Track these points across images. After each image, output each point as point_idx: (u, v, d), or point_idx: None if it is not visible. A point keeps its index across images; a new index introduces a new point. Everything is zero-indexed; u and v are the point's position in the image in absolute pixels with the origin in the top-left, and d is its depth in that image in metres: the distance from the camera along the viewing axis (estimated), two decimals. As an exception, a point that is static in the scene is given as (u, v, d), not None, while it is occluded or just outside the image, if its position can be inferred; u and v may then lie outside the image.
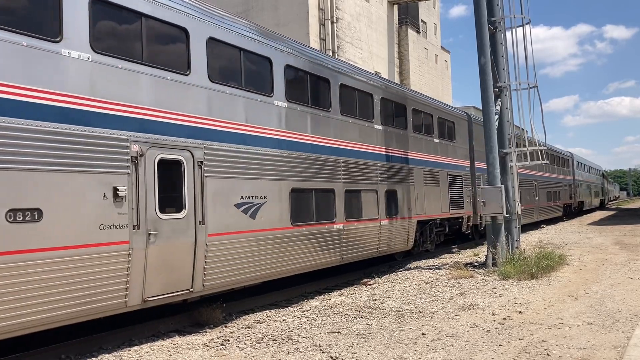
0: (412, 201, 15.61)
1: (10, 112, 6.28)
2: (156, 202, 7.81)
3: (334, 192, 12.05)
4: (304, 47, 12.11)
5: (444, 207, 17.82)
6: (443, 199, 17.73)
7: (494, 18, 15.10)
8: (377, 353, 6.79)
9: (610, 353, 6.44)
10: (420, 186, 16.15)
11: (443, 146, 18.22)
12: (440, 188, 17.58)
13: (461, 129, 20.07)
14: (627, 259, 14.81)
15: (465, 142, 20.32)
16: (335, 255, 12.15)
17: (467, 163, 20.25)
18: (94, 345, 7.76)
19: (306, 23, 33.34)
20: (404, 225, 15.13)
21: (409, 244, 15.60)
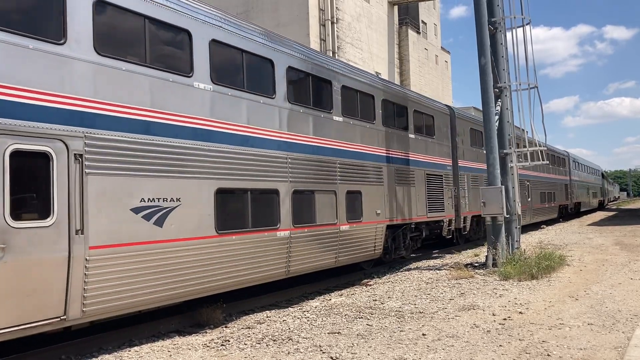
0: (381, 203, 13.85)
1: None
2: (5, 206, 6.08)
3: (277, 194, 10.28)
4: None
5: (420, 210, 16.09)
6: (419, 200, 15.96)
7: (494, 18, 15.11)
8: (377, 353, 6.79)
9: (610, 353, 6.43)
10: (391, 186, 14.43)
11: (420, 142, 16.39)
12: (416, 189, 15.88)
13: (442, 124, 18.27)
14: (628, 260, 14.80)
15: (447, 138, 18.57)
16: (280, 267, 10.35)
17: (448, 161, 18.53)
18: (94, 345, 7.75)
19: (306, 23, 33.34)
20: (371, 231, 13.35)
21: (376, 252, 13.82)
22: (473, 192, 19.82)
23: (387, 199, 14.23)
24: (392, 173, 14.57)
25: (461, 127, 19.79)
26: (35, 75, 6.53)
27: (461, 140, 19.64)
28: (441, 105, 19.41)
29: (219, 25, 9.25)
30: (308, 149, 11.38)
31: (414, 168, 15.84)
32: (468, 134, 20.47)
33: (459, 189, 18.85)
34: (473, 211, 19.78)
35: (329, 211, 11.81)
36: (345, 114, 12.70)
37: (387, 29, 43.83)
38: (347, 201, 12.39)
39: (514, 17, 15.34)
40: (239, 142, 9.45)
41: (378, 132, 14.03)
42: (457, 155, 19.18)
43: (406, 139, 15.63)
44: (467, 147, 20.25)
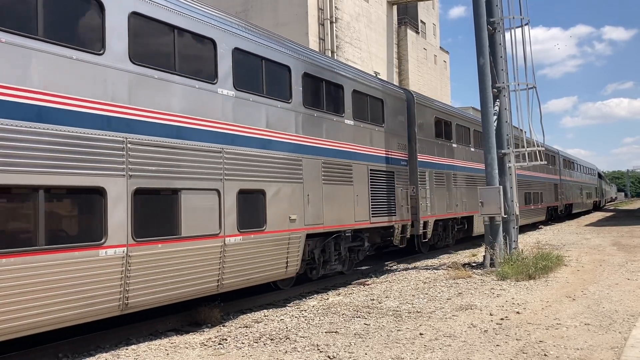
0: (299, 206, 10.87)
1: None
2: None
3: (104, 194, 7.22)
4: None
5: (361, 214, 13.09)
6: (359, 202, 13.00)
7: (493, 19, 15.12)
8: (374, 353, 6.80)
9: (607, 354, 6.44)
10: (315, 184, 11.42)
11: (362, 131, 13.44)
12: (355, 187, 12.89)
13: (395, 110, 15.31)
14: (625, 260, 14.83)
15: (402, 127, 15.68)
16: (112, 299, 7.33)
17: (404, 155, 15.55)
18: (91, 344, 7.75)
19: (305, 23, 33.31)
20: (279, 242, 10.30)
21: (290, 269, 10.70)
22: (438, 191, 17.62)
23: (309, 200, 11.19)
24: (316, 168, 11.54)
25: (423, 115, 17.02)
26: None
27: (423, 131, 16.87)
28: (394, 87, 16.62)
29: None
30: (169, 131, 8.23)
31: (351, 162, 12.85)
32: (432, 124, 17.66)
33: (418, 189, 16.20)
34: (438, 214, 17.55)
35: (207, 218, 8.70)
36: (241, 88, 9.67)
37: (386, 29, 43.83)
38: (240, 204, 9.39)
39: (512, 17, 15.36)
40: (32, 116, 6.54)
41: (296, 115, 11.03)
42: (417, 148, 16.33)
43: (341, 126, 12.59)
44: (431, 139, 17.50)
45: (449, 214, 18.53)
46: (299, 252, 10.93)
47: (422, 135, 16.80)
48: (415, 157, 16.31)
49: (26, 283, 6.34)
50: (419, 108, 16.78)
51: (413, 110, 16.40)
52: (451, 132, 19.40)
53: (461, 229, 20.48)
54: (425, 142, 17.05)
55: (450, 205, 18.56)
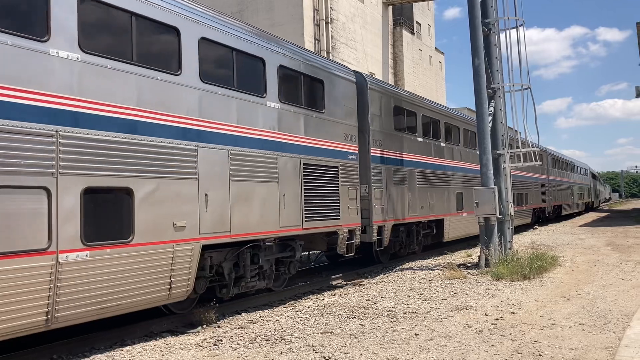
0: (191, 210, 8.44)
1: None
2: None
3: None
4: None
5: (289, 218, 10.68)
6: (287, 203, 10.61)
7: (488, 20, 15.16)
8: (370, 353, 6.80)
9: (601, 353, 6.47)
10: (218, 181, 9.01)
11: (292, 117, 11.06)
12: (281, 185, 10.51)
13: (340, 94, 12.86)
14: (619, 260, 14.89)
15: (350, 116, 13.27)
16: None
17: (352, 148, 13.15)
18: (86, 345, 7.73)
19: (301, 24, 33.36)
20: (159, 258, 7.97)
21: (176, 291, 8.22)
22: (398, 192, 15.45)
23: (208, 201, 8.78)
24: (222, 160, 9.12)
25: (379, 103, 14.79)
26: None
27: (379, 122, 14.66)
28: (341, 67, 13.70)
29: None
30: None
31: (276, 154, 10.44)
32: (391, 115, 15.40)
33: (372, 188, 14.01)
34: (397, 218, 15.35)
35: (27, 227, 6.44)
36: (93, 51, 7.36)
37: (382, 30, 43.91)
38: (87, 207, 7.12)
39: (507, 18, 15.42)
40: None
41: (188, 91, 8.60)
42: (371, 140, 14.12)
43: (260, 110, 10.18)
44: (389, 131, 15.22)
45: (412, 217, 16.27)
46: (191, 268, 8.39)
47: (377, 127, 14.59)
48: (369, 152, 14.05)
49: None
50: (374, 95, 14.49)
51: (366, 96, 14.07)
52: (416, 125, 17.12)
53: (429, 234, 18.08)
54: (382, 134, 14.80)
55: (414, 207, 16.36)
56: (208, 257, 9.24)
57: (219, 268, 9.64)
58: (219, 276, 9.75)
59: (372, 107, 14.32)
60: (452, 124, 20.23)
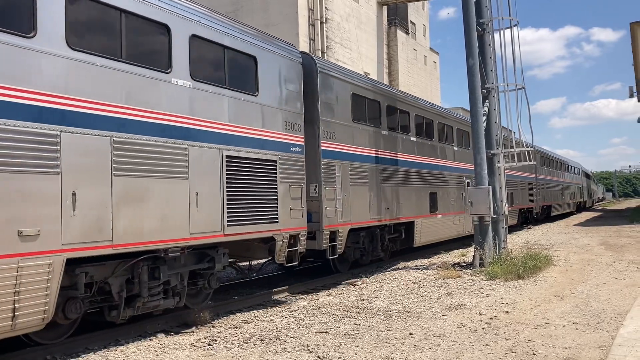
0: (46, 213, 6.59)
1: None
2: None
3: None
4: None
5: (204, 222, 8.78)
6: (201, 204, 8.73)
7: (483, 20, 15.20)
8: (364, 353, 6.80)
9: (595, 352, 6.50)
10: (92, 177, 7.18)
11: (210, 99, 9.15)
12: (193, 182, 8.60)
13: (281, 76, 10.99)
14: (613, 260, 14.96)
15: (293, 101, 11.34)
16: None
17: (296, 139, 11.30)
18: (80, 345, 7.70)
19: (295, 23, 33.33)
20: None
21: (24, 319, 6.32)
22: (358, 192, 13.57)
23: (76, 203, 6.92)
24: (96, 150, 7.26)
25: (333, 90, 12.84)
26: None
27: (332, 111, 12.80)
28: (281, 44, 11.43)
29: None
30: None
31: (186, 144, 8.53)
32: (349, 103, 13.51)
33: (322, 187, 12.10)
34: (356, 221, 13.42)
35: None
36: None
37: (376, 29, 43.93)
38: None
39: (501, 18, 15.44)
40: None
41: (52, 61, 6.77)
42: (321, 132, 12.28)
43: (160, 87, 8.25)
44: (347, 122, 13.40)
45: (375, 220, 14.35)
46: (49, 289, 6.54)
47: (330, 116, 12.68)
48: (319, 145, 12.16)
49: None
50: (326, 79, 12.58)
51: (315, 80, 12.13)
52: (380, 116, 15.12)
53: (397, 238, 16.31)
54: (338, 126, 12.90)
55: (378, 209, 14.46)
56: (81, 274, 7.34)
57: (105, 286, 7.82)
58: (106, 295, 7.94)
59: (323, 94, 12.37)
60: (425, 117, 18.22)
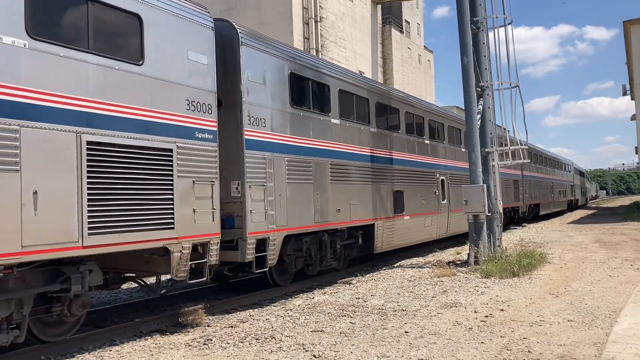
0: None
1: None
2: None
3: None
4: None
5: (44, 231, 6.58)
6: (41, 206, 6.54)
7: (477, 18, 15.23)
8: (360, 351, 6.81)
9: (590, 349, 6.52)
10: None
11: (60, 65, 6.93)
12: (25, 177, 6.42)
13: (178, 42, 8.66)
14: (607, 257, 15.02)
15: (199, 74, 8.98)
16: None
17: (204, 123, 8.98)
18: (74, 346, 7.67)
19: (290, 22, 33.31)
20: None
21: None
22: (298, 190, 11.40)
23: None
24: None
25: (263, 67, 10.65)
26: None
27: (263, 93, 10.60)
28: (181, 2, 8.94)
29: None
30: None
31: (13, 124, 6.33)
32: (286, 84, 11.34)
33: (246, 185, 9.97)
34: (294, 226, 11.24)
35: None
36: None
37: (371, 28, 43.95)
38: None
39: (496, 16, 15.47)
40: None
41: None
42: (246, 118, 10.11)
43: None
44: (283, 107, 11.18)
45: (321, 224, 12.14)
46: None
47: (260, 99, 10.50)
48: (242, 133, 10.01)
49: None
50: (254, 54, 10.41)
51: (237, 54, 10.02)
52: (329, 102, 12.79)
53: (353, 244, 13.99)
54: (269, 111, 10.76)
55: (325, 211, 12.21)
56: None
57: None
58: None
59: (249, 71, 10.22)
60: (390, 105, 15.89)
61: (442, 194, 18.86)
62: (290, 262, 11.82)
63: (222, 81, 9.86)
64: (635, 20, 35.79)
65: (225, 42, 10.10)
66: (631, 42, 36.65)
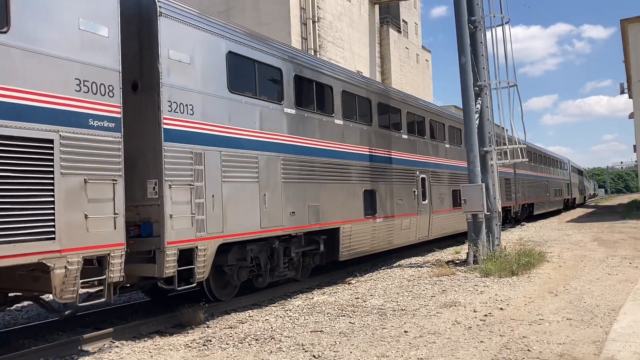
0: None
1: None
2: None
3: None
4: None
5: None
6: None
7: (474, 17, 15.24)
8: (359, 351, 6.80)
9: (589, 348, 6.52)
10: None
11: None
12: None
13: (62, 4, 6.99)
14: (605, 255, 15.02)
15: (94, 47, 7.37)
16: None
17: (103, 108, 7.42)
18: (74, 347, 7.66)
19: (288, 22, 33.30)
20: None
21: None
22: (237, 191, 9.70)
23: None
24: None
25: (191, 45, 9.04)
26: None
27: (189, 74, 8.95)
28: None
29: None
30: None
31: None
32: (223, 66, 9.66)
33: (165, 184, 8.31)
34: (233, 232, 9.55)
35: None
36: None
37: (369, 28, 43.94)
38: None
39: (493, 15, 15.50)
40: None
41: None
42: (165, 103, 8.48)
43: None
44: (217, 92, 9.51)
45: (270, 229, 10.49)
46: None
47: (185, 82, 8.83)
48: (160, 122, 8.38)
49: None
50: (177, 28, 8.83)
51: (155, 27, 8.45)
52: (281, 88, 11.18)
53: (314, 251, 12.39)
54: (200, 96, 9.12)
55: (277, 214, 10.65)
56: None
57: None
58: None
59: (172, 48, 8.59)
60: (359, 95, 14.13)
61: (422, 193, 17.37)
62: (233, 274, 10.22)
63: (137, 59, 8.53)
64: (632, 18, 35.82)
65: (142, 12, 8.59)
66: (629, 41, 36.67)
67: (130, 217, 8.15)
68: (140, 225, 8.39)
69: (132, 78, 8.47)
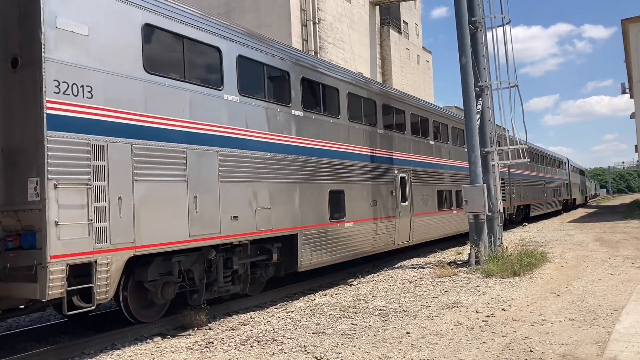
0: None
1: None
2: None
3: None
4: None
5: None
6: None
7: (475, 18, 15.24)
8: (361, 353, 6.79)
9: (591, 348, 6.51)
10: None
11: None
12: None
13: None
14: (608, 255, 15.00)
15: None
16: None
17: None
18: (76, 350, 7.66)
19: (288, 24, 33.30)
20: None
21: None
22: (156, 192, 8.12)
23: None
24: None
25: (91, 11, 7.45)
26: None
27: (86, 48, 7.32)
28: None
29: None
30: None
31: None
32: (137, 41, 8.10)
33: (48, 183, 6.72)
34: (151, 242, 8.00)
35: None
36: None
37: (369, 29, 43.95)
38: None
39: (494, 16, 15.50)
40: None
41: None
42: (52, 83, 6.87)
43: None
44: (128, 72, 7.90)
45: (201, 238, 8.87)
46: None
47: (80, 58, 7.24)
48: (42, 106, 6.77)
49: None
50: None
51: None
52: (222, 70, 9.55)
53: (266, 262, 10.88)
54: (102, 75, 7.51)
55: (209, 219, 9.05)
56: None
57: None
58: None
59: (61, 15, 7.02)
60: (324, 83, 12.46)
61: (402, 194, 15.78)
62: (156, 291, 8.62)
63: (16, 29, 7.07)
64: (633, 18, 35.77)
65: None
66: (629, 40, 36.63)
67: (9, 225, 6.86)
68: (22, 235, 6.88)
69: (13, 52, 6.98)
